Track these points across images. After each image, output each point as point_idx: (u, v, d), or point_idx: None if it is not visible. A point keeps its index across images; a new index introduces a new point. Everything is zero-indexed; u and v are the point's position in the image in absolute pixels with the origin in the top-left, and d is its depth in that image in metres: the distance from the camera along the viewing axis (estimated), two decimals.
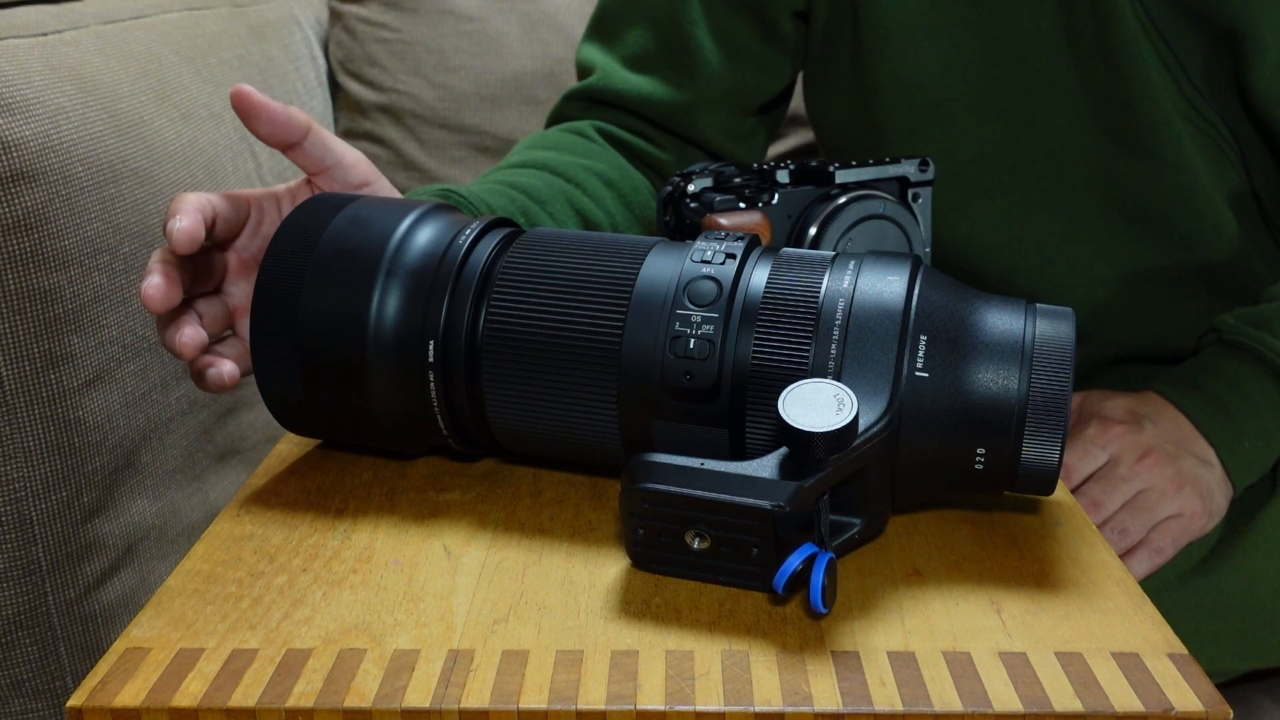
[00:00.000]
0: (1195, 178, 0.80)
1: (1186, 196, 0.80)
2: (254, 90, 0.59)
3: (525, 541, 0.49)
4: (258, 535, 0.50)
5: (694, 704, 0.39)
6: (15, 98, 0.74)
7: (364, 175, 0.63)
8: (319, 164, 0.62)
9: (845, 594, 0.45)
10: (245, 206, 0.61)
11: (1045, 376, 0.45)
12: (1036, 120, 0.82)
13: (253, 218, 0.61)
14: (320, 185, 0.63)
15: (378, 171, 0.65)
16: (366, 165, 0.64)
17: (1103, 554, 0.49)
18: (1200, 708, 0.39)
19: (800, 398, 0.43)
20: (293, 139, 0.60)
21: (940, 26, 0.82)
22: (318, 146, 0.61)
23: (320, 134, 0.61)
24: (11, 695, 0.78)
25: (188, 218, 0.54)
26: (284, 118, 0.59)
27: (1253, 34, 0.75)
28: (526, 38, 1.29)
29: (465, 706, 0.39)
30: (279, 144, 0.61)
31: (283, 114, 0.59)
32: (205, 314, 0.59)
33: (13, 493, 0.75)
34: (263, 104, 0.59)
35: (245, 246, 0.62)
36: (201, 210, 0.56)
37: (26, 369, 0.75)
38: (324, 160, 0.62)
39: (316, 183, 0.63)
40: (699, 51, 0.86)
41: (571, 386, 0.49)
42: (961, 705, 0.39)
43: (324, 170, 0.62)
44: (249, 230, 0.61)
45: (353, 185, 0.63)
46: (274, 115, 0.59)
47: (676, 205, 0.71)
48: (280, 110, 0.59)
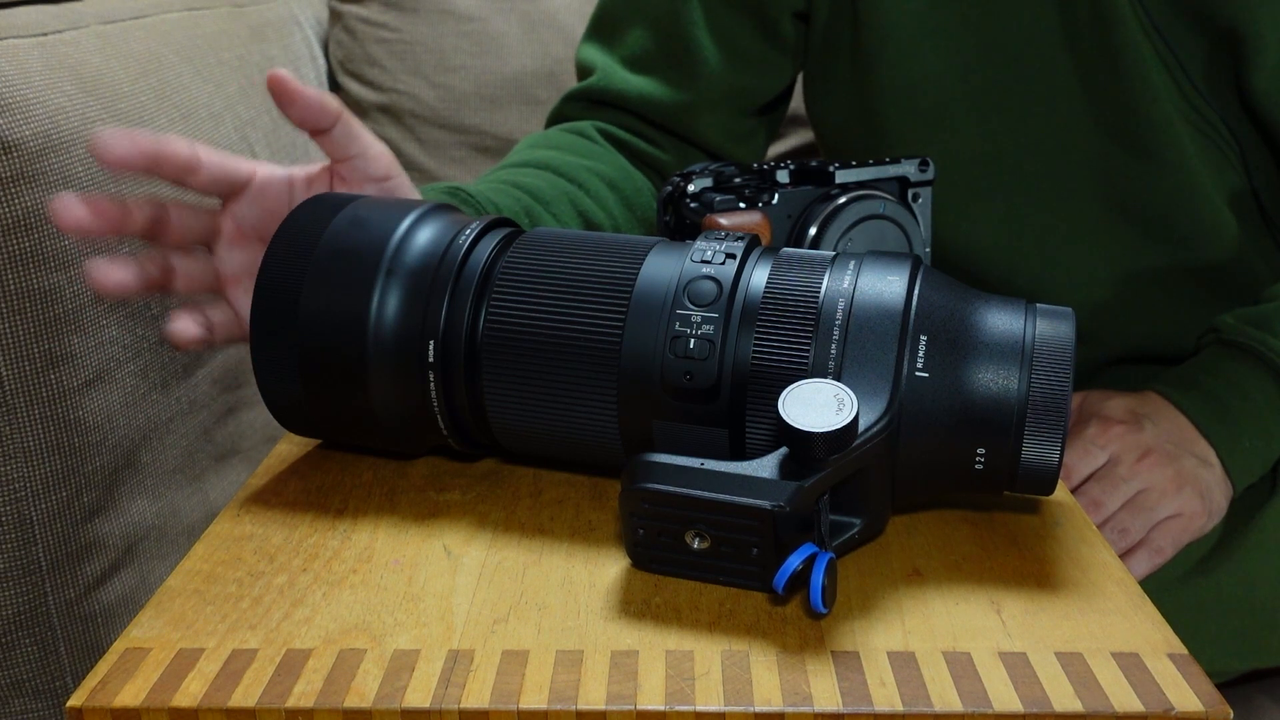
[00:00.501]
0: (1195, 178, 0.80)
1: (1186, 197, 0.80)
2: (289, 74, 0.59)
3: (525, 541, 0.49)
4: (258, 535, 0.50)
5: (694, 704, 0.39)
6: (15, 98, 0.74)
7: (386, 169, 0.63)
8: (343, 152, 0.62)
9: (845, 594, 0.45)
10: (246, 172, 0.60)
11: (1045, 376, 0.45)
12: (1036, 121, 0.82)
13: (254, 188, 0.61)
14: (342, 173, 0.63)
15: (400, 168, 0.64)
16: (390, 159, 0.64)
17: (1103, 554, 0.49)
18: (1200, 708, 0.39)
19: (800, 398, 0.43)
20: (323, 125, 0.60)
21: (940, 27, 0.82)
22: (345, 135, 0.61)
23: (349, 123, 0.61)
24: (11, 695, 0.78)
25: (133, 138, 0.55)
26: (317, 103, 0.59)
27: (1253, 34, 0.75)
28: (526, 38, 1.29)
29: (465, 706, 0.39)
30: (310, 128, 0.61)
31: (316, 99, 0.59)
32: (184, 272, 0.59)
33: (13, 493, 0.75)
34: (298, 89, 0.59)
35: (244, 215, 0.61)
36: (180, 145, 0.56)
37: (26, 369, 0.75)
38: (349, 149, 0.62)
39: (338, 170, 0.63)
40: (699, 52, 0.86)
41: (571, 386, 0.49)
42: (961, 705, 0.39)
43: (348, 159, 0.62)
44: (248, 199, 0.61)
45: (374, 178, 0.63)
46: (308, 100, 0.59)
47: (676, 205, 0.71)
48: (315, 96, 0.59)
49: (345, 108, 0.61)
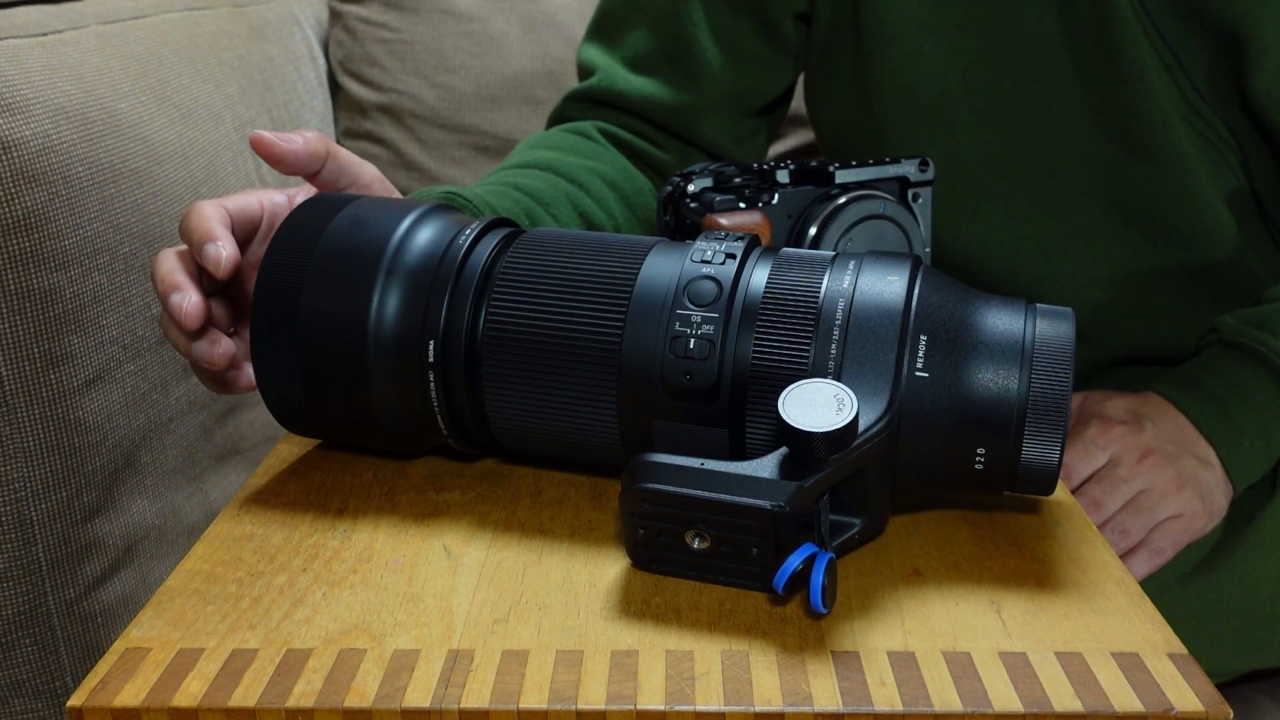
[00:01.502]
0: (1195, 179, 0.80)
1: (1187, 198, 0.80)
2: (266, 133, 0.59)
3: (525, 541, 0.49)
4: (258, 535, 0.50)
5: (694, 704, 0.39)
6: (15, 98, 0.75)
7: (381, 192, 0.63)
8: (334, 186, 0.62)
9: (845, 594, 0.45)
10: (257, 212, 0.61)
11: (1045, 376, 0.45)
12: (1037, 122, 0.82)
13: (264, 224, 0.61)
14: None
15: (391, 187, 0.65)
16: (381, 184, 0.64)
17: (1103, 554, 0.49)
18: (1200, 708, 0.39)
19: (800, 398, 0.43)
20: (315, 169, 0.61)
21: (941, 28, 0.82)
22: (333, 171, 0.62)
23: (337, 157, 0.61)
24: (11, 695, 0.78)
25: (228, 245, 0.55)
26: (304, 154, 0.59)
27: (1253, 36, 0.75)
28: (526, 38, 1.29)
29: (465, 706, 0.39)
30: (305, 175, 0.61)
31: (303, 150, 0.59)
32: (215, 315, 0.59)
33: (13, 493, 0.75)
34: (281, 147, 0.59)
35: (253, 251, 0.62)
36: (228, 227, 0.56)
37: (26, 369, 0.75)
38: (339, 182, 0.62)
39: None
40: (700, 53, 0.86)
41: (571, 386, 0.49)
42: (961, 705, 0.39)
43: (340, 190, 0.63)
44: (259, 236, 0.61)
45: None
46: (295, 152, 0.59)
47: (676, 205, 0.71)
48: (300, 147, 0.59)
49: (327, 139, 0.61)
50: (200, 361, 0.57)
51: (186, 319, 0.54)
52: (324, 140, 0.60)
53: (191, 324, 0.54)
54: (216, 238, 0.55)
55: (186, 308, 0.54)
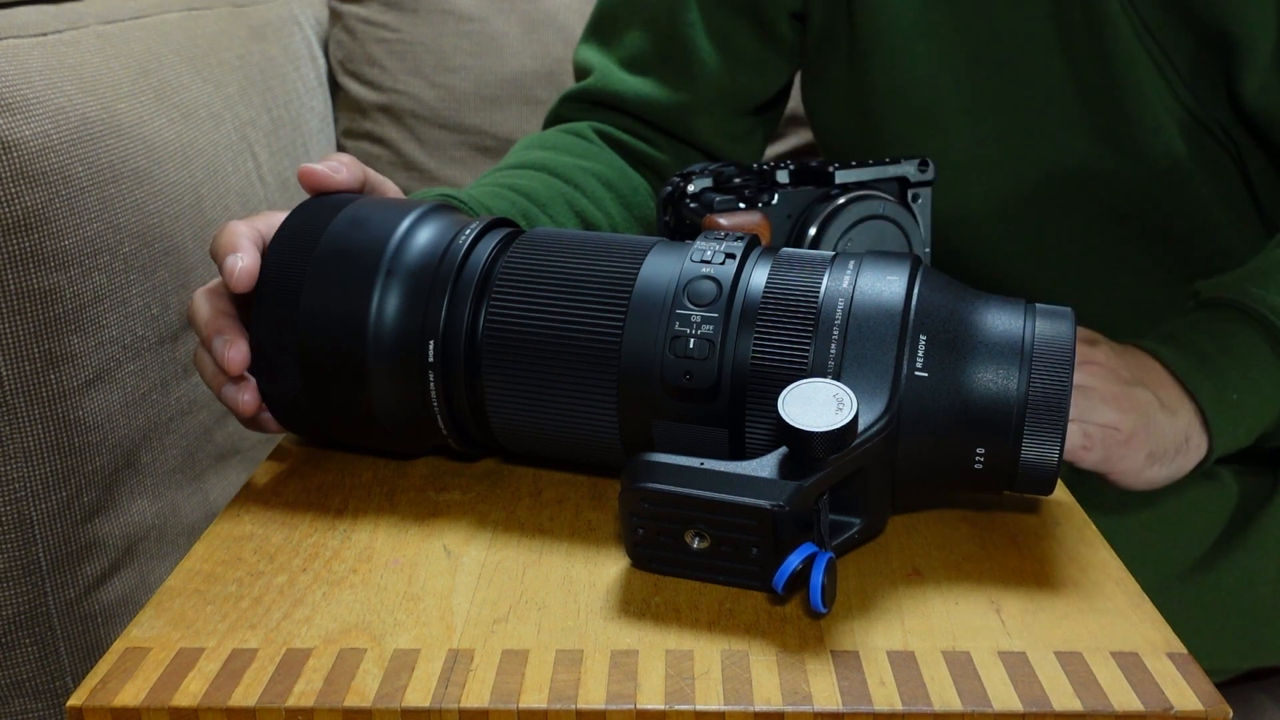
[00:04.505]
0: (1189, 180, 0.80)
1: (1180, 200, 0.80)
2: (316, 166, 0.58)
3: (525, 541, 0.49)
4: (258, 535, 0.50)
5: (694, 704, 0.39)
6: (15, 98, 0.75)
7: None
8: None
9: (845, 594, 0.45)
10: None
11: (1045, 376, 0.45)
12: (1030, 123, 0.82)
13: None
14: None
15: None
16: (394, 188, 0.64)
17: (1103, 554, 0.49)
18: (1200, 707, 0.39)
19: (800, 397, 0.43)
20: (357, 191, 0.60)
21: (933, 29, 0.82)
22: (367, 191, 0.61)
23: (368, 178, 0.61)
24: (11, 695, 0.78)
25: (247, 257, 0.54)
26: (349, 182, 0.59)
27: (1244, 36, 0.75)
28: (526, 38, 1.29)
29: (465, 706, 0.39)
30: None
31: (347, 178, 0.59)
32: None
33: (13, 493, 0.75)
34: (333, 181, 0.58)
35: None
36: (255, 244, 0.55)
37: (26, 369, 0.75)
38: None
39: None
40: (696, 53, 0.86)
41: (571, 386, 0.49)
42: (961, 705, 0.39)
43: None
44: None
45: None
46: (344, 185, 0.59)
47: (676, 205, 0.71)
48: (345, 177, 0.59)
49: (359, 162, 0.61)
50: (228, 405, 0.56)
51: (230, 365, 0.53)
52: (358, 163, 0.60)
53: (235, 370, 0.53)
54: (239, 250, 0.54)
55: (230, 354, 0.53)
